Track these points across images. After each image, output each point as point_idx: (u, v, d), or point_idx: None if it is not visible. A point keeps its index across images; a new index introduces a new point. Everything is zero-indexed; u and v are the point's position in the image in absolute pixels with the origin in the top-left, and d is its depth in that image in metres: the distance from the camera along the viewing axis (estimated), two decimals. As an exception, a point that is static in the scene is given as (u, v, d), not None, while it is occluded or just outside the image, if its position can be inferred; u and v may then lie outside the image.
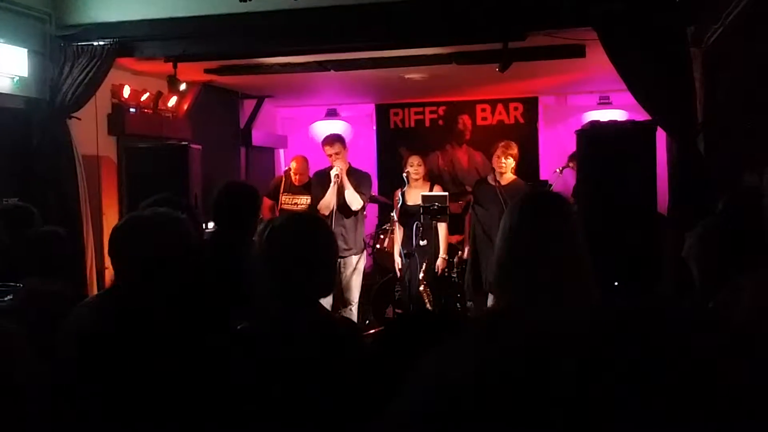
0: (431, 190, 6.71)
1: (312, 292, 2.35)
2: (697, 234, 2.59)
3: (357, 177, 6.62)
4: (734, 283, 2.34)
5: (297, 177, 7.38)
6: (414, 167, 6.78)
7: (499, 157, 6.50)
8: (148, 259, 2.37)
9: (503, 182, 6.45)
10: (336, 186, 6.46)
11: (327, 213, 6.42)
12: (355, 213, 6.59)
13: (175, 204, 3.10)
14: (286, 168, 7.75)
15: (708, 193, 4.92)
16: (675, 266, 4.60)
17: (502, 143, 6.64)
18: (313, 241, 2.35)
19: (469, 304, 6.85)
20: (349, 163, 6.66)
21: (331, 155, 6.59)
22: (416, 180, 6.78)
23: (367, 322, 7.40)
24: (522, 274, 1.91)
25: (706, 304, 2.34)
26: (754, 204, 2.59)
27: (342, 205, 6.51)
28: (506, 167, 6.46)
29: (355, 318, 6.43)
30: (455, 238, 7.55)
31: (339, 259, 6.54)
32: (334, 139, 6.71)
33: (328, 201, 6.49)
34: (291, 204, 7.24)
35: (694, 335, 0.63)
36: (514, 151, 6.52)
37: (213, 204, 3.98)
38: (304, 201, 7.13)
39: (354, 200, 6.51)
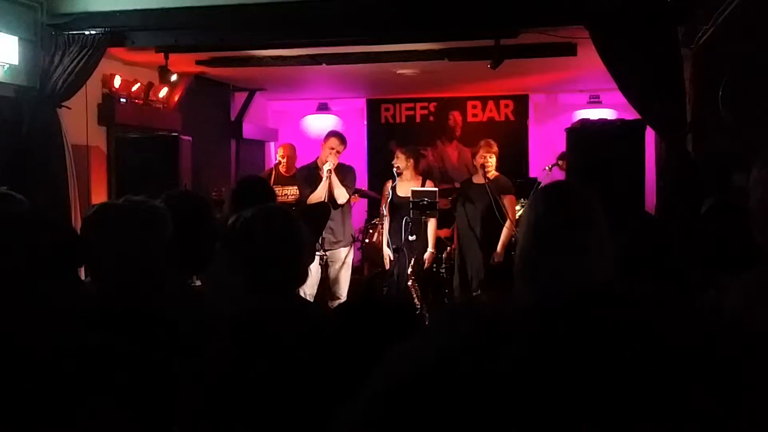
0: (423, 185, 6.73)
1: (283, 282, 2.38)
2: (631, 233, 2.64)
3: (342, 171, 6.66)
4: (720, 284, 2.36)
5: (285, 166, 7.32)
6: (401, 161, 6.80)
7: (484, 156, 6.64)
8: None
9: (488, 178, 6.59)
10: (328, 180, 6.49)
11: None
12: (341, 206, 6.63)
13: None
14: (276, 162, 7.73)
15: (695, 192, 4.96)
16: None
17: (483, 142, 6.79)
18: (281, 232, 2.38)
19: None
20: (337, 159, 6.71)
21: (332, 150, 6.60)
22: (403, 174, 6.79)
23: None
24: (547, 262, 1.92)
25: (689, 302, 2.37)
26: (739, 205, 2.61)
27: (330, 199, 6.54)
28: (492, 165, 6.60)
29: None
30: (444, 232, 7.59)
31: (327, 252, 6.57)
32: (344, 139, 6.73)
33: (320, 195, 6.50)
34: (281, 195, 7.23)
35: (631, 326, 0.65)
36: (495, 148, 6.70)
37: (231, 196, 3.95)
38: (293, 191, 7.10)
39: (341, 194, 6.56)
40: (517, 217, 7.80)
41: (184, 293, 2.54)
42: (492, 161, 6.63)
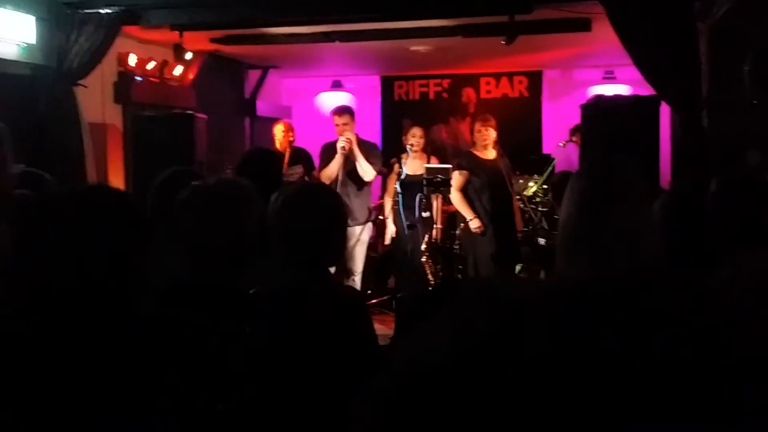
0: (428, 162, 6.74)
1: (322, 261, 2.42)
2: (660, 203, 2.65)
3: (366, 147, 6.62)
4: (732, 262, 2.36)
5: (280, 145, 6.91)
6: (416, 138, 6.79)
7: (479, 131, 6.53)
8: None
9: (491, 156, 6.53)
10: (342, 157, 6.44)
11: (329, 183, 6.42)
12: (367, 184, 6.61)
13: (199, 178, 3.09)
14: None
15: (710, 169, 4.95)
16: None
17: (479, 117, 6.73)
18: (324, 210, 2.40)
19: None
20: (357, 135, 6.65)
21: (339, 125, 6.57)
22: (416, 151, 6.80)
23: (369, 291, 7.46)
24: (593, 237, 1.94)
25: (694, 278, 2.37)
26: (745, 182, 2.61)
27: (352, 175, 6.51)
28: (489, 137, 6.50)
29: (358, 287, 6.49)
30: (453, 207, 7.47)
31: (343, 229, 6.56)
32: (343, 110, 6.69)
33: (332, 171, 6.46)
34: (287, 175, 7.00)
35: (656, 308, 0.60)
36: (493, 122, 6.55)
37: (238, 170, 3.95)
38: (296, 170, 6.75)
39: (367, 171, 6.51)
40: (531, 193, 7.80)
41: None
42: (489, 134, 6.49)
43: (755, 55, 4.83)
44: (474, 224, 6.43)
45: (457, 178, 6.39)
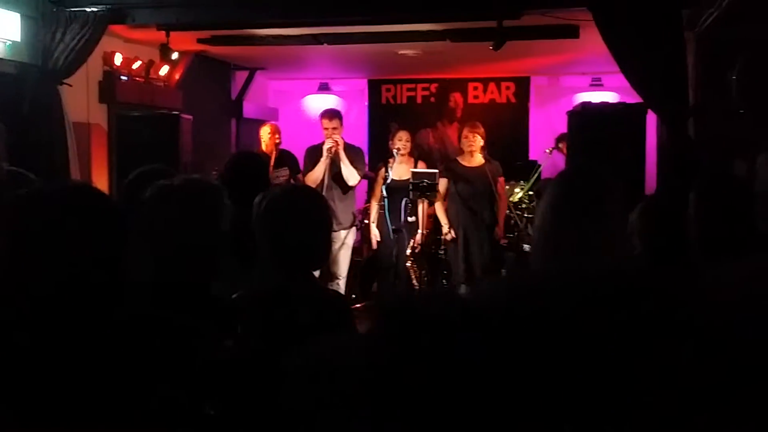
0: (415, 166, 6.74)
1: (307, 264, 2.39)
2: (639, 210, 2.67)
3: (352, 152, 6.61)
4: (719, 267, 2.36)
5: (266, 147, 6.91)
6: (402, 142, 6.79)
7: (467, 137, 6.66)
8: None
9: (477, 162, 6.62)
10: (328, 160, 6.43)
11: (314, 186, 6.39)
12: (351, 188, 6.60)
13: (169, 176, 3.07)
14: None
15: (696, 177, 4.96)
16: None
17: (468, 123, 6.87)
18: (309, 213, 2.38)
19: (462, 287, 6.87)
20: (343, 139, 6.64)
21: (328, 129, 6.55)
22: (403, 155, 6.79)
23: (353, 296, 7.43)
24: (565, 243, 1.93)
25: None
26: (727, 191, 2.61)
27: (337, 179, 6.50)
28: (476, 144, 6.59)
29: (342, 291, 6.46)
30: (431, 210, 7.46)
31: (328, 233, 6.54)
32: (333, 114, 6.67)
33: (318, 174, 6.45)
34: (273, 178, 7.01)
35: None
36: (482, 129, 6.67)
37: (225, 174, 3.92)
38: (282, 173, 6.80)
39: (351, 175, 6.51)
40: (517, 199, 7.81)
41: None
42: (476, 141, 6.60)
43: (742, 64, 4.85)
44: (445, 229, 6.61)
45: (441, 185, 6.47)
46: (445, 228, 6.66)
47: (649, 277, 0.62)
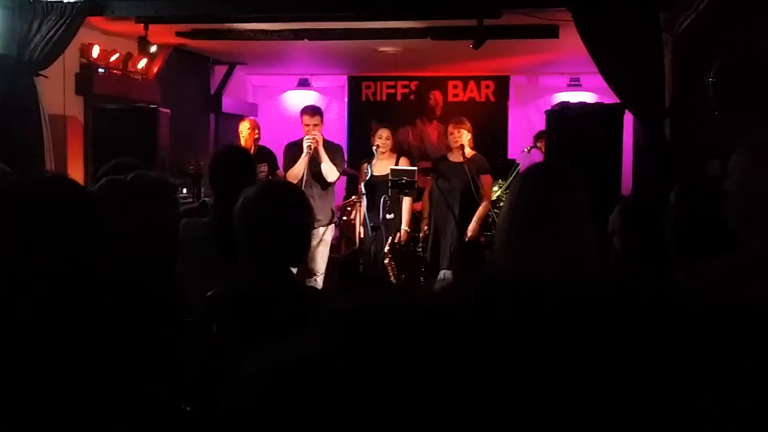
0: (397, 163, 6.74)
1: (285, 260, 2.39)
2: (618, 209, 2.70)
3: (331, 149, 6.60)
4: (693, 268, 2.38)
5: (245, 143, 6.90)
6: (382, 140, 6.79)
7: (452, 133, 6.65)
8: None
9: (457, 159, 6.61)
10: (308, 157, 6.41)
11: (295, 183, 6.38)
12: (330, 184, 6.60)
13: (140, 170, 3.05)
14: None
15: (671, 178, 5.01)
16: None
17: (452, 120, 6.86)
18: (287, 209, 2.38)
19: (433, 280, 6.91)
20: (322, 135, 6.62)
21: (309, 125, 6.52)
22: (383, 153, 6.79)
23: (331, 293, 7.42)
24: (523, 242, 1.95)
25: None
26: (705, 192, 2.64)
27: (317, 176, 6.48)
28: (462, 138, 6.57)
29: (320, 288, 6.46)
30: (418, 206, 7.51)
31: (306, 230, 6.53)
32: (315, 111, 6.66)
33: (298, 171, 6.44)
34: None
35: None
36: (467, 125, 6.66)
37: (211, 169, 3.88)
38: (261, 169, 6.83)
39: (330, 172, 6.49)
40: (495, 197, 7.84)
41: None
42: (462, 135, 6.57)
43: (718, 66, 4.90)
44: (423, 225, 6.72)
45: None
46: (424, 222, 6.73)
47: (623, 277, 0.60)
